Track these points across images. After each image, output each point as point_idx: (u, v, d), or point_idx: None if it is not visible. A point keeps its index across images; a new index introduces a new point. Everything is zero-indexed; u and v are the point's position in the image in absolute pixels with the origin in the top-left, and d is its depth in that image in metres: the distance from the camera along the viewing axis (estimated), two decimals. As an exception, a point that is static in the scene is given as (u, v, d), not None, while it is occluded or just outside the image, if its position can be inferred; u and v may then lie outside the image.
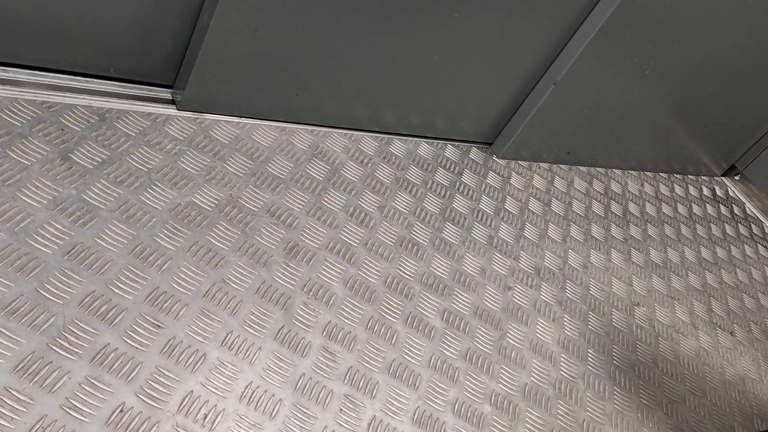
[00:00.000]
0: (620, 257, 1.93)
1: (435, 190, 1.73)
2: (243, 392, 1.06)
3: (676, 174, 2.56)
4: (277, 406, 1.08)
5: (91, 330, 1.01)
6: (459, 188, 1.79)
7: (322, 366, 1.17)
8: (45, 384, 0.92)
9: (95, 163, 1.23)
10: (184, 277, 1.16)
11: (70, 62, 1.31)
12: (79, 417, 0.91)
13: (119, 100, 1.37)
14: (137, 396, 0.97)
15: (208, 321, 1.12)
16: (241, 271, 1.23)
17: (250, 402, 1.06)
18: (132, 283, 1.10)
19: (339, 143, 1.66)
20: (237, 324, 1.15)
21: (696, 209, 2.43)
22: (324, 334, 1.22)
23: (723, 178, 2.76)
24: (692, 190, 2.53)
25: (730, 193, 2.69)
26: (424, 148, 1.84)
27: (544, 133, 1.99)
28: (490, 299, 1.52)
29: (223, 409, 1.03)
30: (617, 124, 2.12)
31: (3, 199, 1.09)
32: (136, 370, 1.00)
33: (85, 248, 1.10)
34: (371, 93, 1.66)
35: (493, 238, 1.70)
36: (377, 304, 1.34)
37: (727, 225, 2.45)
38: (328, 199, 1.49)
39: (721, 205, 2.56)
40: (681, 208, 2.37)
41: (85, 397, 0.93)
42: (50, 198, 1.13)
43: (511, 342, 1.46)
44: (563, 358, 1.50)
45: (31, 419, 0.88)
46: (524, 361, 1.43)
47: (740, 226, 2.51)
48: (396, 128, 1.80)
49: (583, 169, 2.22)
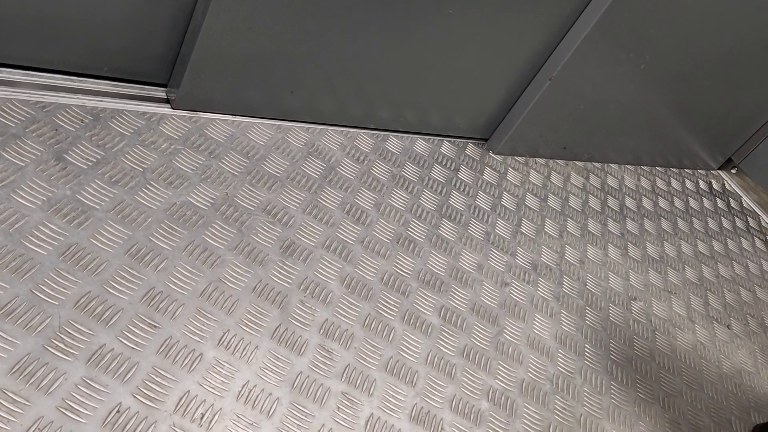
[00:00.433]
0: (617, 252, 1.93)
1: (431, 187, 1.72)
2: (240, 391, 1.06)
3: (673, 168, 2.56)
4: (275, 404, 1.08)
5: (87, 331, 1.00)
6: (455, 184, 1.79)
7: (319, 364, 1.17)
8: (41, 385, 0.92)
9: (90, 163, 1.23)
10: (180, 276, 1.16)
11: (63, 62, 1.31)
12: (76, 418, 0.91)
13: (113, 100, 1.36)
14: (134, 396, 0.97)
15: (205, 320, 1.12)
16: (237, 270, 1.23)
17: (247, 401, 1.06)
18: (128, 284, 1.10)
19: (335, 141, 1.65)
20: (233, 323, 1.15)
21: (693, 203, 2.43)
22: (321, 332, 1.22)
23: (719, 171, 2.77)
24: (689, 184, 2.53)
25: (727, 187, 2.70)
26: (420, 144, 1.84)
27: (540, 128, 1.99)
28: (487, 295, 1.52)
29: (221, 408, 1.03)
30: (613, 118, 2.11)
31: (-3, 201, 1.08)
32: (133, 371, 1.00)
33: (81, 249, 1.10)
34: (367, 90, 1.65)
35: (490, 234, 1.70)
36: (374, 301, 1.34)
37: (723, 218, 2.46)
38: (324, 196, 1.49)
39: (717, 199, 2.57)
40: (678, 202, 2.37)
41: (81, 398, 0.93)
42: (45, 199, 1.13)
43: (509, 338, 1.46)
44: (560, 353, 1.50)
45: (28, 421, 0.88)
46: (521, 357, 1.44)
47: (737, 219, 2.51)
48: (392, 125, 1.80)
49: (580, 164, 2.22)
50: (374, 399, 1.18)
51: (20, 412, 0.89)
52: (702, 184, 2.60)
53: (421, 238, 1.56)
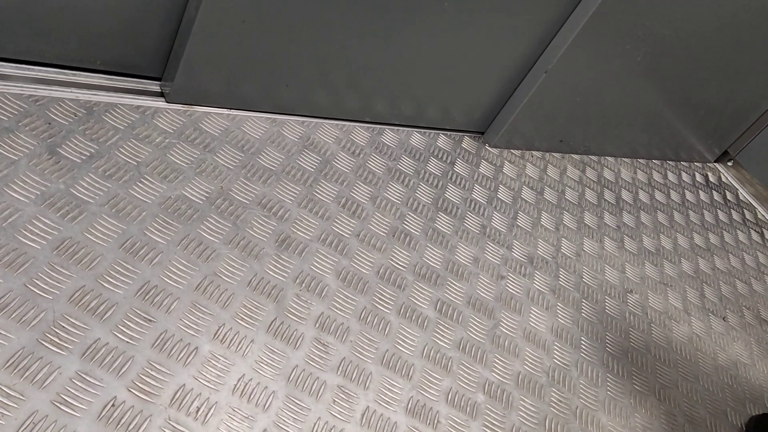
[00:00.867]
0: (613, 245, 1.93)
1: (427, 180, 1.72)
2: (236, 385, 1.06)
3: (669, 161, 2.56)
4: (270, 398, 1.08)
5: (82, 325, 1.00)
6: (451, 178, 1.79)
7: (315, 358, 1.17)
8: (36, 379, 0.92)
9: (83, 157, 1.22)
10: (175, 270, 1.15)
11: (56, 55, 1.30)
12: (71, 412, 0.91)
13: (107, 93, 1.36)
14: (129, 390, 0.97)
15: (200, 314, 1.12)
16: (232, 263, 1.23)
17: (243, 394, 1.06)
18: (122, 278, 1.09)
19: (330, 134, 1.65)
20: (229, 317, 1.14)
21: (689, 196, 2.43)
22: (317, 325, 1.22)
23: (716, 164, 2.77)
24: (685, 177, 2.54)
25: (723, 179, 2.70)
26: (416, 138, 1.84)
27: (536, 121, 1.99)
28: (483, 288, 1.52)
29: (216, 402, 1.03)
30: (609, 111, 2.11)
31: (-10, 195, 1.08)
32: (128, 365, 1.00)
33: (75, 243, 1.09)
34: (362, 83, 1.65)
35: (486, 227, 1.70)
36: (370, 295, 1.34)
37: (719, 211, 2.46)
38: (320, 190, 1.49)
39: (713, 191, 2.57)
40: (674, 195, 2.37)
41: (76, 392, 0.93)
42: (38, 193, 1.12)
43: (505, 331, 1.46)
44: (556, 346, 1.51)
45: (22, 415, 0.88)
46: (517, 350, 1.44)
47: (733, 212, 2.51)
48: (387, 118, 1.79)
49: (576, 157, 2.22)
50: (370, 392, 1.18)
51: (15, 406, 0.88)
52: (698, 177, 2.60)
53: (417, 231, 1.55)
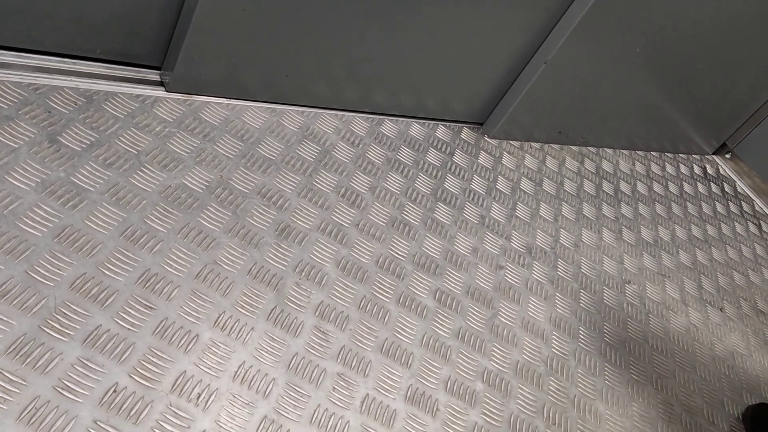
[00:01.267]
0: (611, 236, 1.94)
1: (426, 171, 1.72)
2: (236, 372, 1.07)
3: (667, 153, 2.57)
4: (271, 385, 1.08)
5: (83, 312, 1.01)
6: (450, 168, 1.79)
7: (314, 345, 1.18)
8: (37, 365, 0.92)
9: (83, 146, 1.22)
10: (176, 258, 1.16)
11: (56, 44, 1.30)
12: (73, 397, 0.92)
13: (107, 82, 1.36)
14: (130, 376, 0.98)
15: (200, 302, 1.12)
16: (232, 252, 1.23)
17: (243, 381, 1.06)
18: (123, 265, 1.10)
19: (330, 124, 1.65)
20: (229, 305, 1.15)
21: (687, 187, 2.44)
22: (316, 314, 1.23)
23: (714, 156, 2.77)
24: (683, 169, 2.54)
25: (721, 172, 2.71)
26: (416, 128, 1.84)
27: (535, 112, 1.99)
28: (482, 278, 1.53)
29: (217, 388, 1.03)
30: (608, 103, 2.12)
31: (-9, 182, 1.08)
32: (129, 351, 1.00)
33: (75, 231, 1.09)
34: (362, 73, 1.65)
35: (485, 217, 1.71)
36: (369, 284, 1.35)
37: (717, 203, 2.47)
38: (320, 180, 1.49)
39: (711, 184, 2.58)
40: (672, 187, 2.38)
41: (77, 378, 0.94)
42: (39, 181, 1.12)
43: (503, 320, 1.47)
44: (555, 335, 1.51)
45: (24, 400, 0.89)
46: (516, 339, 1.45)
47: (731, 204, 2.52)
48: (387, 109, 1.79)
49: (575, 148, 2.22)
50: (369, 380, 1.19)
51: (17, 391, 0.89)
52: (696, 169, 2.61)
53: (416, 221, 1.56)
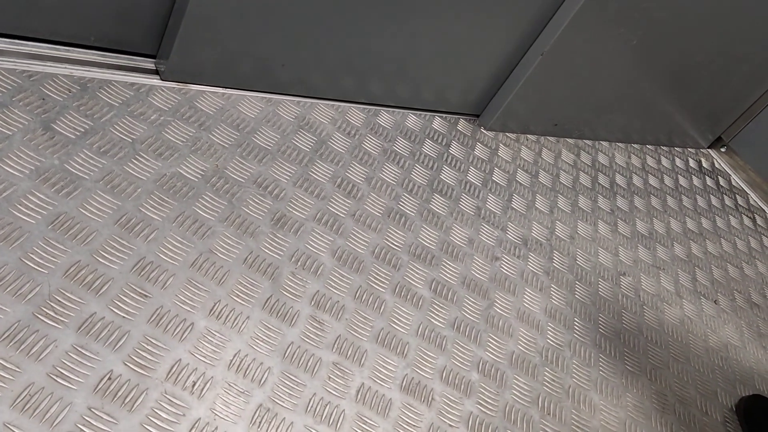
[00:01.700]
0: (607, 228, 1.94)
1: (423, 162, 1.72)
2: (231, 360, 1.07)
3: (663, 146, 2.57)
4: (266, 374, 1.08)
5: (77, 299, 1.00)
6: (447, 160, 1.79)
7: (310, 335, 1.18)
8: (32, 352, 0.92)
9: (78, 133, 1.21)
10: (171, 247, 1.15)
11: (50, 31, 1.29)
12: (67, 384, 0.91)
13: (101, 70, 1.35)
14: (125, 364, 0.97)
15: (196, 291, 1.12)
16: (228, 241, 1.22)
17: (238, 370, 1.06)
18: (118, 253, 1.09)
19: (326, 114, 1.64)
20: (225, 293, 1.15)
21: (682, 181, 2.44)
22: (312, 303, 1.23)
23: (709, 150, 2.78)
24: (678, 162, 2.55)
25: (716, 165, 2.71)
26: (412, 119, 1.84)
27: (531, 104, 1.99)
28: (478, 269, 1.53)
29: (212, 377, 1.03)
30: (604, 95, 2.11)
31: (-16, 169, 1.07)
32: (124, 339, 1.00)
33: (69, 218, 1.09)
34: (358, 64, 1.64)
35: (481, 209, 1.70)
36: (365, 274, 1.35)
37: (712, 196, 2.47)
38: (316, 170, 1.48)
39: (706, 177, 2.58)
40: (667, 180, 2.39)
41: (72, 365, 0.93)
42: (33, 168, 1.12)
43: (499, 311, 1.47)
44: (550, 326, 1.52)
45: (18, 387, 0.88)
46: (511, 330, 1.45)
47: (725, 197, 2.53)
48: (383, 100, 1.79)
49: (571, 141, 2.22)
50: (365, 369, 1.19)
51: (11, 378, 0.88)
52: (692, 163, 2.61)
53: (412, 212, 1.56)
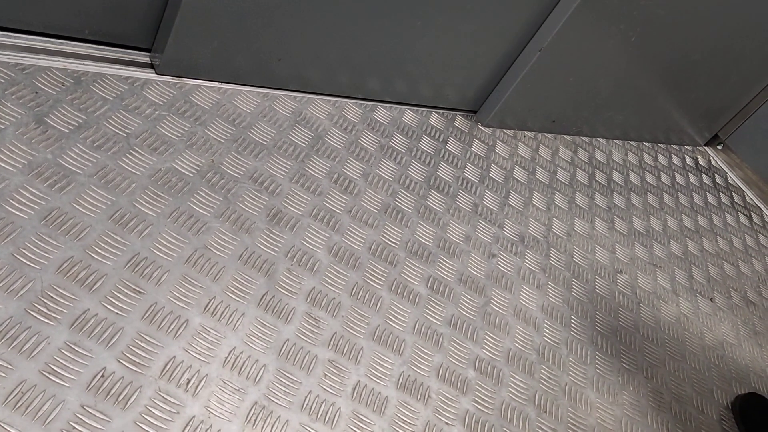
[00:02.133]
0: (604, 225, 1.94)
1: (420, 158, 1.71)
2: (226, 357, 1.06)
3: (660, 143, 2.57)
4: (261, 371, 1.07)
5: (70, 295, 0.99)
6: (444, 156, 1.78)
7: (306, 332, 1.17)
8: (24, 349, 0.91)
9: (71, 127, 1.20)
10: (165, 243, 1.14)
11: (43, 23, 1.27)
12: (60, 382, 0.90)
13: (95, 63, 1.33)
14: (118, 361, 0.96)
15: (190, 287, 1.11)
16: (223, 237, 1.21)
17: (233, 367, 1.05)
18: (111, 249, 1.08)
19: (322, 110, 1.63)
20: (220, 290, 1.13)
21: (679, 178, 2.44)
22: (308, 300, 1.22)
23: (706, 147, 2.78)
24: (675, 160, 2.54)
25: (713, 163, 2.71)
26: (409, 115, 1.83)
27: (529, 101, 1.98)
28: (475, 266, 1.52)
29: (207, 374, 1.02)
30: (602, 92, 2.11)
31: (-24, 163, 1.06)
32: (117, 336, 0.99)
33: (63, 213, 1.07)
34: (355, 59, 1.63)
35: (478, 205, 1.70)
36: (362, 270, 1.34)
37: (709, 194, 2.47)
38: (312, 165, 1.47)
39: (703, 175, 2.58)
40: (664, 177, 2.38)
41: (65, 362, 0.92)
42: (25, 162, 1.10)
43: (495, 308, 1.46)
44: (546, 324, 1.51)
45: (10, 384, 0.87)
46: (508, 327, 1.44)
47: (722, 195, 2.53)
48: (380, 95, 1.78)
49: (568, 137, 2.22)
50: (361, 367, 1.18)
51: (3, 375, 0.87)
52: (688, 160, 2.61)
53: (409, 208, 1.55)
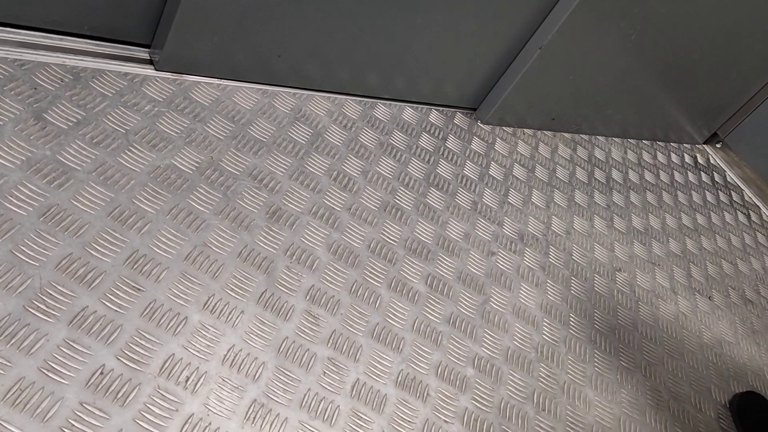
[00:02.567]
0: (603, 223, 1.94)
1: (419, 155, 1.71)
2: (225, 355, 1.05)
3: (659, 141, 2.57)
4: (260, 369, 1.07)
5: (69, 293, 0.99)
6: (443, 153, 1.78)
7: (305, 330, 1.17)
8: (22, 346, 0.90)
9: (70, 124, 1.19)
10: (165, 240, 1.14)
11: (42, 19, 1.27)
12: (58, 379, 0.90)
13: (94, 59, 1.32)
14: (117, 358, 0.96)
15: (190, 284, 1.11)
16: (222, 234, 1.21)
17: (233, 365, 1.05)
18: (110, 246, 1.08)
19: (322, 107, 1.63)
20: (219, 287, 1.13)
21: (678, 176, 2.44)
22: (307, 298, 1.22)
23: (704, 146, 2.78)
24: (674, 158, 2.54)
25: (712, 161, 2.71)
26: (409, 112, 1.82)
27: (528, 98, 1.97)
28: (474, 264, 1.52)
29: (206, 371, 1.02)
30: (602, 90, 2.11)
31: (-26, 160, 1.05)
32: (116, 333, 0.98)
33: (61, 210, 1.07)
34: (355, 56, 1.62)
35: (477, 203, 1.70)
36: (361, 268, 1.33)
37: (707, 192, 2.47)
38: (311, 163, 1.47)
39: (702, 173, 2.58)
40: (663, 176, 2.38)
41: (63, 360, 0.92)
42: (24, 159, 1.10)
43: (495, 306, 1.46)
44: (545, 322, 1.51)
45: (9, 381, 0.87)
46: (507, 326, 1.44)
47: (720, 193, 2.53)
48: (380, 92, 1.77)
49: (568, 135, 2.22)
50: (360, 365, 1.18)
51: (1, 372, 0.87)
52: (687, 158, 2.61)
53: (408, 206, 1.55)
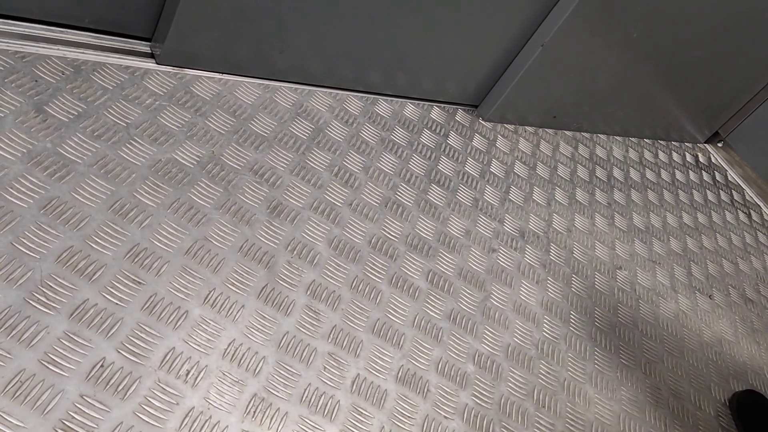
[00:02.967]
0: (604, 221, 1.94)
1: (420, 152, 1.71)
2: (226, 349, 1.05)
3: (660, 140, 2.56)
4: (261, 363, 1.07)
5: (70, 285, 0.98)
6: (445, 150, 1.77)
7: (305, 324, 1.16)
8: (23, 338, 0.90)
9: (71, 116, 1.19)
10: (165, 234, 1.13)
11: (43, 11, 1.26)
12: (59, 371, 0.90)
13: (95, 52, 1.32)
14: (118, 351, 0.96)
15: (190, 278, 1.10)
16: (223, 229, 1.21)
17: (233, 359, 1.05)
18: (111, 239, 1.07)
19: (323, 102, 1.62)
20: (219, 282, 1.13)
21: (679, 175, 2.44)
22: (308, 293, 1.21)
23: (706, 145, 2.78)
24: (675, 157, 2.54)
25: (713, 160, 2.71)
26: (410, 109, 1.82)
27: (530, 96, 1.97)
28: (475, 261, 1.52)
29: (206, 365, 1.02)
30: (603, 88, 2.10)
31: (-25, 151, 1.05)
32: (117, 326, 0.98)
33: (62, 203, 1.07)
34: (357, 52, 1.62)
35: (479, 200, 1.69)
36: (362, 264, 1.33)
37: (708, 191, 2.47)
38: (313, 158, 1.47)
39: (703, 172, 2.58)
40: (664, 174, 2.38)
41: (64, 352, 0.92)
42: (25, 151, 1.09)
43: (495, 303, 1.46)
44: (546, 319, 1.51)
45: (9, 373, 0.87)
46: (508, 322, 1.44)
47: (721, 192, 2.53)
48: (382, 88, 1.77)
49: (569, 133, 2.21)
50: (361, 360, 1.18)
51: (2, 364, 0.87)
52: (689, 157, 2.61)
53: (409, 202, 1.54)
